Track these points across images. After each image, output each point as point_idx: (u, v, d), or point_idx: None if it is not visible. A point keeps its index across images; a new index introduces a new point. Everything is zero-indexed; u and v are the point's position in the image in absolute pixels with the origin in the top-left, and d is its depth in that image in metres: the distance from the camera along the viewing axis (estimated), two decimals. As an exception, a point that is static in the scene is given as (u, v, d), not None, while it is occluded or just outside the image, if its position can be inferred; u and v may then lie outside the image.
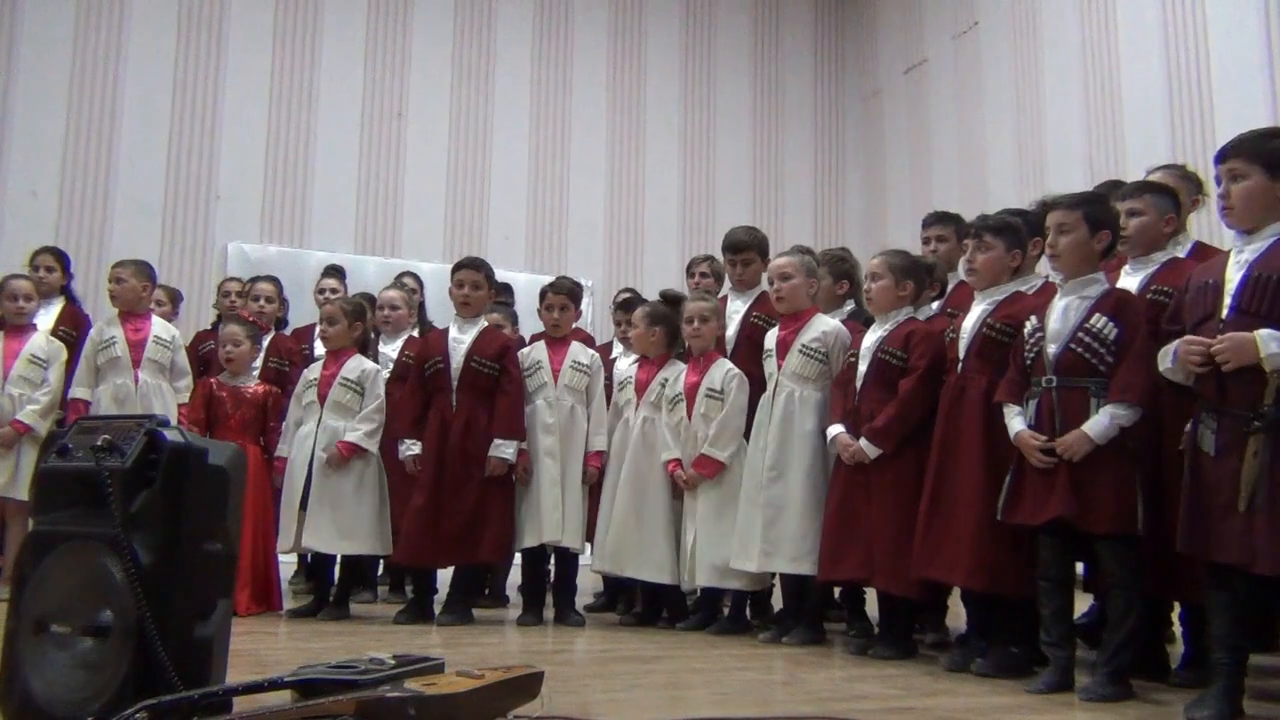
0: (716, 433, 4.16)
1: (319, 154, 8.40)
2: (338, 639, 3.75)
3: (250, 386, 4.76)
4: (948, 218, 4.46)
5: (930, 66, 9.03)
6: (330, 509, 4.40)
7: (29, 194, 7.58)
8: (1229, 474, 2.53)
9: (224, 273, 7.46)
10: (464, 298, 4.54)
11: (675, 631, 4.22)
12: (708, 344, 4.31)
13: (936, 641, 3.95)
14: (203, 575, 2.08)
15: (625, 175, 9.36)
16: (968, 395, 3.33)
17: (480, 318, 4.60)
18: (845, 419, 3.73)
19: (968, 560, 3.19)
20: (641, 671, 3.25)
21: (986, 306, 3.39)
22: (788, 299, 4.08)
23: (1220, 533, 2.55)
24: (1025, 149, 7.82)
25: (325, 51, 8.51)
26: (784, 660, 3.51)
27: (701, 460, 4.17)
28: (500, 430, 4.38)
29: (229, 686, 2.03)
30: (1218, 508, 2.56)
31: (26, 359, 4.91)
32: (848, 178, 10.02)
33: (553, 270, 7.67)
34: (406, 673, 2.13)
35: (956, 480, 3.29)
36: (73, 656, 2.00)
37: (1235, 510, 2.51)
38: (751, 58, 9.92)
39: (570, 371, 4.59)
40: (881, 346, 3.69)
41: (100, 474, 2.03)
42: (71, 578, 2.04)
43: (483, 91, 8.97)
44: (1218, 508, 2.56)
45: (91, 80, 7.84)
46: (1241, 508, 2.50)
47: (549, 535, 4.41)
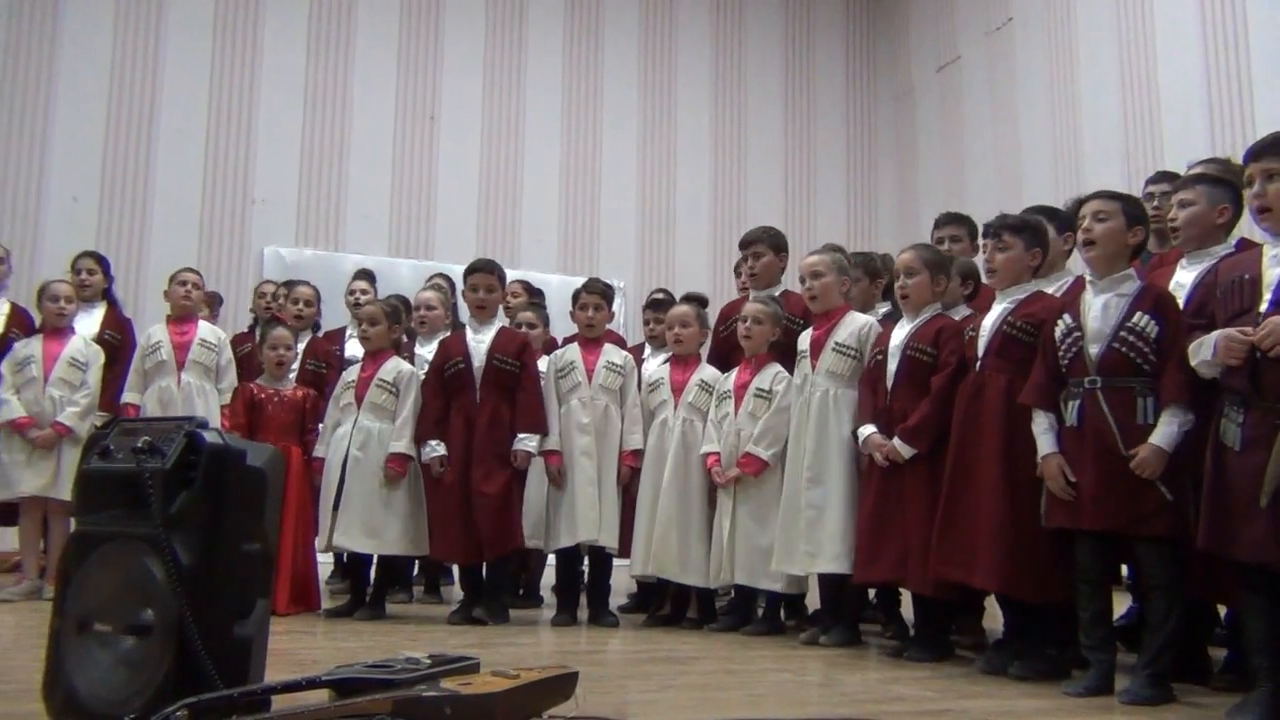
0: (761, 431, 4.14)
1: (353, 158, 8.47)
2: (374, 639, 3.78)
3: (289, 389, 4.81)
4: (959, 218, 4.43)
5: (963, 64, 8.95)
6: (362, 509, 4.44)
7: (70, 200, 7.70)
8: (1253, 469, 2.49)
9: (260, 276, 7.54)
10: (479, 301, 4.58)
11: (709, 632, 4.21)
12: (760, 345, 4.29)
13: (973, 644, 3.91)
14: (241, 575, 2.09)
15: (656, 176, 9.35)
16: (986, 394, 3.30)
17: (496, 319, 4.62)
18: (876, 418, 3.70)
19: (985, 561, 3.16)
20: (676, 672, 3.24)
21: (1007, 305, 3.36)
22: (820, 297, 4.06)
23: (1243, 530, 2.50)
24: (1061, 146, 7.74)
25: (359, 57, 8.58)
26: (819, 661, 3.49)
27: (746, 457, 4.15)
28: (524, 425, 4.41)
29: (268, 685, 2.04)
30: (1241, 505, 2.51)
31: (66, 361, 4.98)
32: (880, 177, 9.95)
33: (584, 272, 7.69)
34: (442, 672, 2.13)
35: (974, 480, 3.26)
36: (115, 655, 2.02)
37: (1259, 507, 2.46)
38: (782, 57, 9.88)
39: (604, 372, 4.61)
40: (911, 343, 3.66)
41: (141, 475, 2.05)
42: (114, 577, 2.07)
43: (514, 94, 9.00)
44: (1241, 505, 2.51)
45: (130, 87, 7.95)
46: (1263, 503, 2.44)
47: (585, 535, 4.42)
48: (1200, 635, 3.16)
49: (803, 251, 4.76)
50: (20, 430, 4.83)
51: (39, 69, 7.73)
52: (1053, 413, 3.07)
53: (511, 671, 2.14)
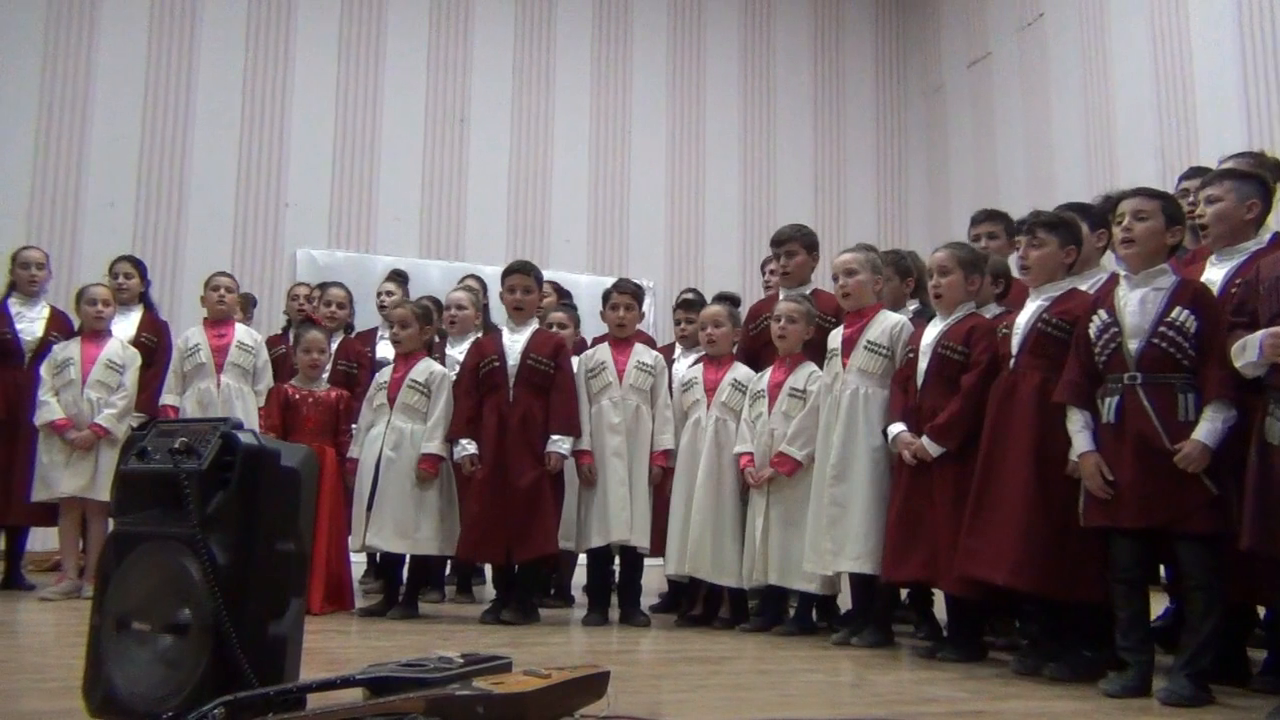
0: (795, 431, 4.13)
1: (384, 161, 8.53)
2: (407, 638, 3.80)
3: (322, 390, 4.85)
4: (997, 215, 4.39)
5: (994, 60, 8.88)
6: (395, 509, 4.47)
7: (107, 205, 7.81)
8: None
9: (293, 279, 7.61)
10: (516, 302, 4.59)
11: (741, 633, 4.20)
12: (794, 344, 4.27)
13: (1007, 645, 3.88)
14: (276, 574, 2.11)
15: (686, 176, 9.35)
16: (1019, 392, 3.27)
17: (532, 320, 4.63)
18: (906, 416, 3.68)
19: (1011, 558, 3.12)
20: (707, 672, 3.24)
21: (1042, 303, 3.33)
22: (853, 295, 4.05)
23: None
24: (1094, 142, 7.65)
25: (389, 61, 8.64)
26: (851, 662, 3.48)
27: (779, 457, 4.14)
28: (557, 426, 4.41)
29: (303, 684, 2.06)
30: None
31: (104, 364, 5.05)
32: (911, 175, 9.89)
33: (614, 272, 7.70)
34: (475, 671, 2.14)
35: (1004, 477, 3.23)
36: (153, 653, 2.05)
37: None
38: (812, 55, 9.84)
39: (635, 372, 4.61)
40: (942, 342, 3.64)
41: (178, 476, 2.08)
42: (151, 576, 2.09)
43: (544, 96, 9.03)
44: None
45: (164, 94, 8.06)
46: None
47: (618, 535, 4.43)
48: (1239, 636, 3.12)
49: (833, 251, 4.74)
50: (59, 432, 4.90)
51: (76, 78, 7.84)
52: (1088, 410, 3.04)
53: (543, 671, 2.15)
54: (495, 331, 4.86)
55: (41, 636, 3.90)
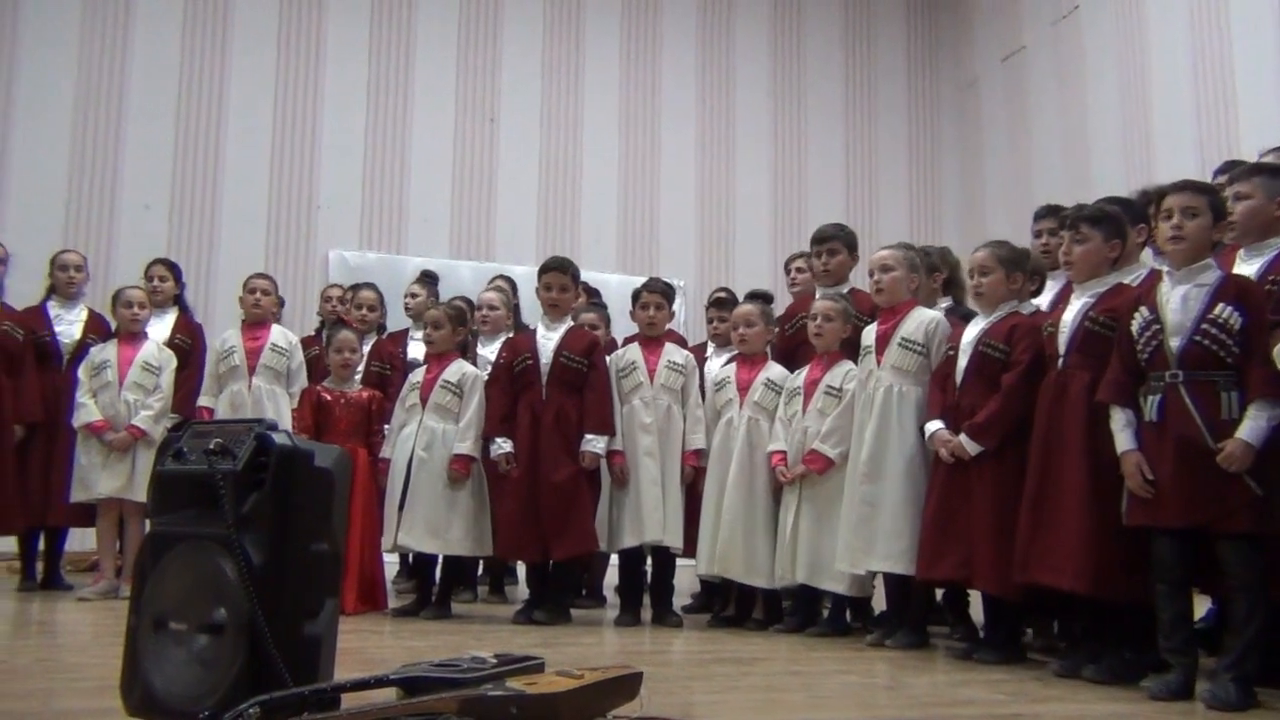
0: (829, 429, 4.10)
1: (414, 162, 8.59)
2: (440, 638, 3.82)
3: (354, 391, 4.88)
4: (1058, 211, 4.33)
5: (1029, 53, 8.79)
6: (426, 509, 4.49)
7: (142, 208, 7.92)
8: None
9: (325, 280, 7.67)
10: (552, 300, 4.59)
11: (774, 634, 4.19)
12: (831, 343, 4.25)
13: (1044, 646, 3.84)
14: (310, 575, 2.13)
15: (716, 174, 9.33)
16: (1070, 392, 3.23)
17: (567, 317, 4.64)
18: (944, 414, 3.65)
19: (1073, 562, 3.09)
20: (740, 673, 3.23)
21: (1088, 299, 3.29)
22: (888, 291, 4.02)
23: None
24: (1131, 136, 7.55)
25: (418, 61, 8.69)
26: (885, 664, 3.45)
27: (812, 455, 4.12)
28: (591, 425, 4.41)
29: (337, 683, 2.07)
30: None
31: (140, 366, 5.12)
32: (944, 171, 9.81)
33: (644, 271, 7.69)
34: (507, 672, 2.15)
35: (1059, 480, 3.20)
36: (189, 653, 2.07)
37: None
38: (843, 49, 9.79)
39: (666, 371, 4.60)
40: (983, 340, 3.60)
41: (213, 476, 2.09)
42: (187, 576, 2.11)
43: (573, 94, 9.05)
44: None
45: (198, 98, 8.16)
46: None
47: (650, 535, 4.42)
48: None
49: (865, 249, 4.71)
50: (97, 433, 4.97)
51: (110, 82, 7.96)
52: (1131, 409, 3.01)
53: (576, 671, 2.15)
54: (528, 330, 4.87)
55: (79, 636, 3.95)
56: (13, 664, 3.00)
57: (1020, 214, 6.75)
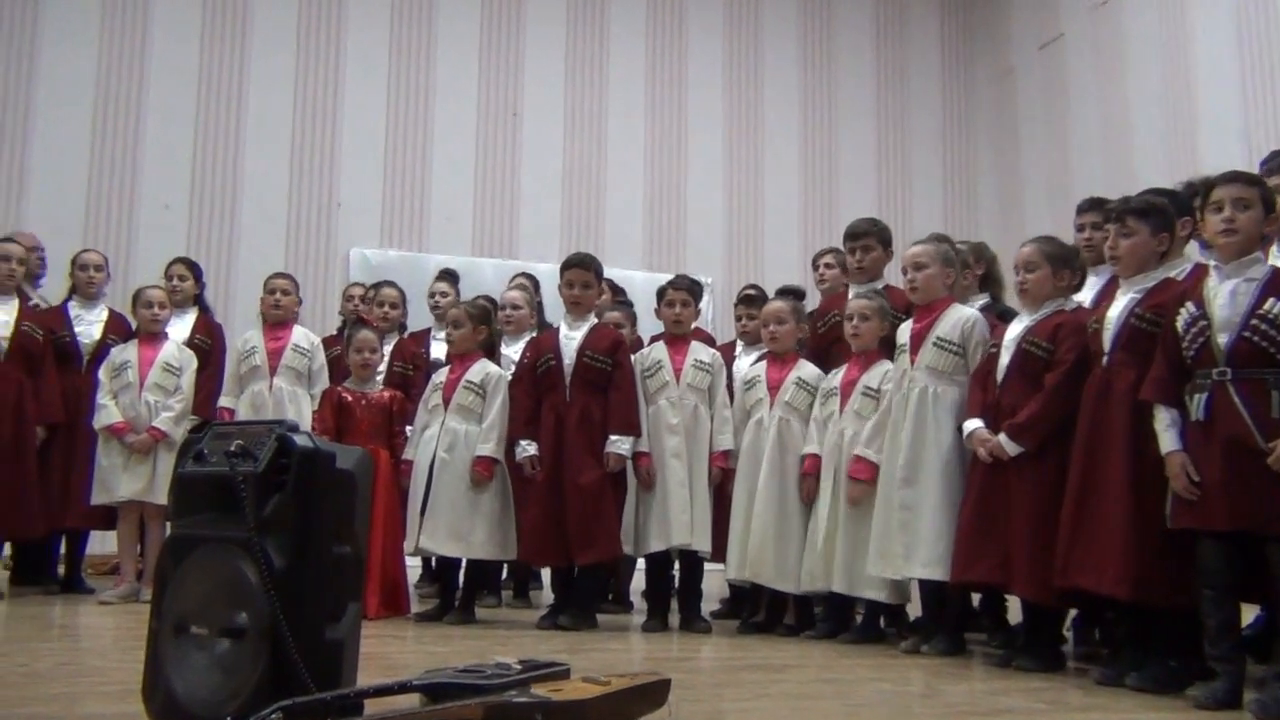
0: (872, 433, 4.04)
1: (436, 158, 8.64)
2: (464, 643, 3.84)
3: (375, 392, 4.91)
4: (1103, 204, 4.30)
5: (1067, 41, 8.71)
6: (449, 512, 4.50)
7: (162, 207, 8.01)
8: None
9: (347, 279, 7.73)
10: (574, 297, 4.59)
11: (806, 640, 4.18)
12: (869, 342, 4.22)
13: (1086, 653, 3.80)
14: (333, 578, 2.14)
15: (744, 168, 9.31)
16: (1114, 390, 3.20)
17: (590, 315, 4.64)
18: (984, 413, 3.62)
19: (1115, 567, 3.07)
20: (770, 680, 3.23)
21: (1134, 295, 3.26)
22: (922, 289, 4.00)
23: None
24: (1175, 125, 7.47)
25: (440, 55, 8.74)
26: (921, 671, 3.44)
27: (858, 463, 4.03)
28: (616, 426, 4.41)
29: (360, 689, 2.09)
30: None
31: (161, 367, 5.17)
32: (980, 163, 9.74)
33: (671, 268, 7.69)
34: (533, 678, 2.16)
35: (1102, 481, 3.17)
36: (211, 657, 2.09)
37: None
38: (874, 38, 9.75)
39: (693, 370, 4.59)
40: (1026, 338, 3.57)
41: (234, 478, 2.12)
42: (208, 580, 2.14)
43: (597, 88, 9.06)
44: None
45: (217, 96, 8.24)
46: None
47: (678, 539, 4.41)
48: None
49: (898, 243, 4.69)
50: (118, 435, 5.02)
51: (130, 83, 8.05)
52: (1176, 408, 2.98)
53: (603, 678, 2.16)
54: (551, 328, 4.87)
55: (101, 640, 4.00)
56: (35, 668, 3.05)
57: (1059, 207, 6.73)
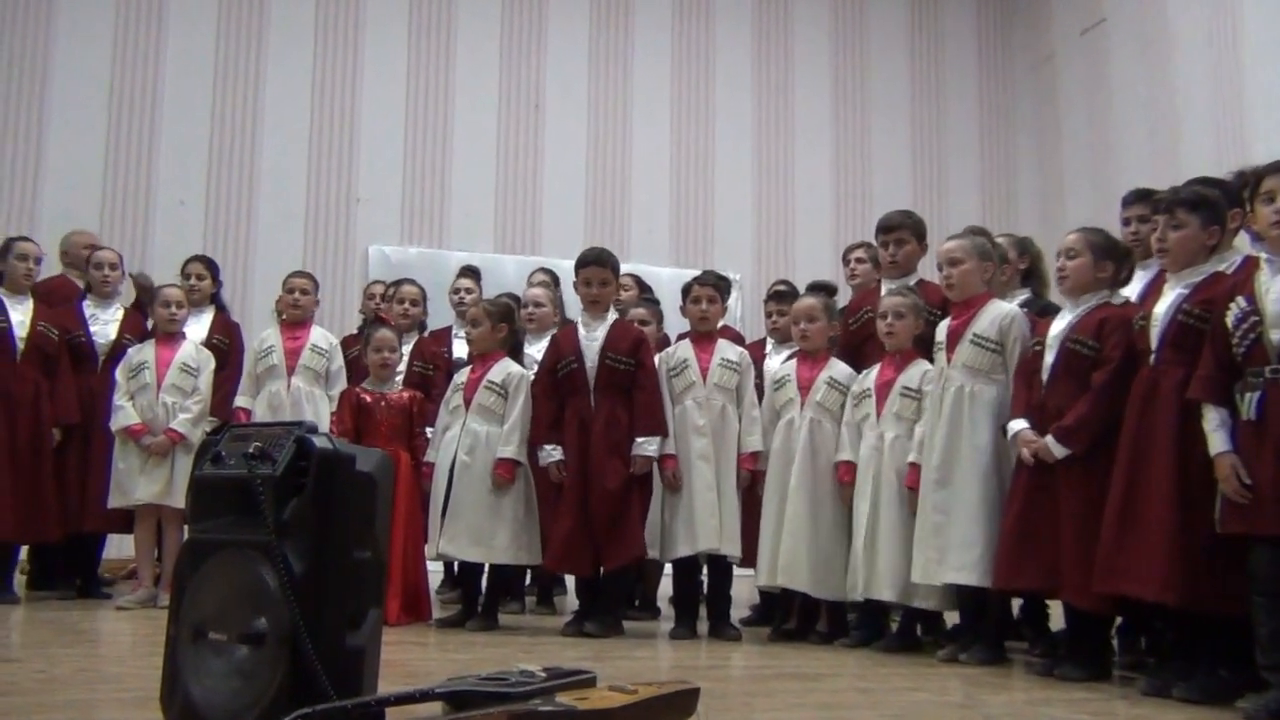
0: (921, 439, 4.01)
1: (456, 153, 8.67)
2: (487, 650, 3.85)
3: (395, 392, 4.92)
4: (1150, 196, 4.25)
5: (1110, 25, 8.62)
6: (470, 516, 4.51)
7: (177, 204, 8.08)
8: None
9: (366, 276, 7.77)
10: (592, 296, 4.59)
11: (840, 648, 4.16)
12: (904, 340, 4.20)
13: (1132, 662, 3.77)
14: (353, 584, 2.16)
15: (773, 161, 9.29)
16: (1161, 389, 3.18)
17: (609, 314, 4.65)
18: (1029, 413, 3.60)
19: (1161, 572, 3.04)
20: (803, 690, 3.22)
21: (1182, 290, 3.23)
22: (959, 286, 3.98)
23: None
24: (1223, 112, 7.37)
25: (460, 46, 8.77)
26: (959, 680, 3.42)
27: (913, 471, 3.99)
28: (642, 427, 4.41)
29: (381, 697, 2.10)
30: None
31: (179, 367, 5.21)
32: (1019, 154, 9.67)
33: (698, 264, 7.67)
34: (558, 686, 2.16)
35: (1148, 483, 3.15)
36: (229, 664, 2.11)
37: None
38: (908, 25, 9.69)
39: (720, 369, 4.58)
40: (1071, 335, 3.55)
41: (253, 481, 2.13)
42: (227, 585, 2.15)
43: (621, 79, 9.06)
44: None
45: (234, 92, 8.31)
46: None
47: (705, 544, 4.40)
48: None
49: (934, 237, 4.66)
50: (135, 437, 5.07)
51: (145, 77, 8.13)
52: (1225, 407, 2.95)
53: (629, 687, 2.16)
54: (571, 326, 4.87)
55: (118, 646, 4.04)
56: (53, 674, 3.08)
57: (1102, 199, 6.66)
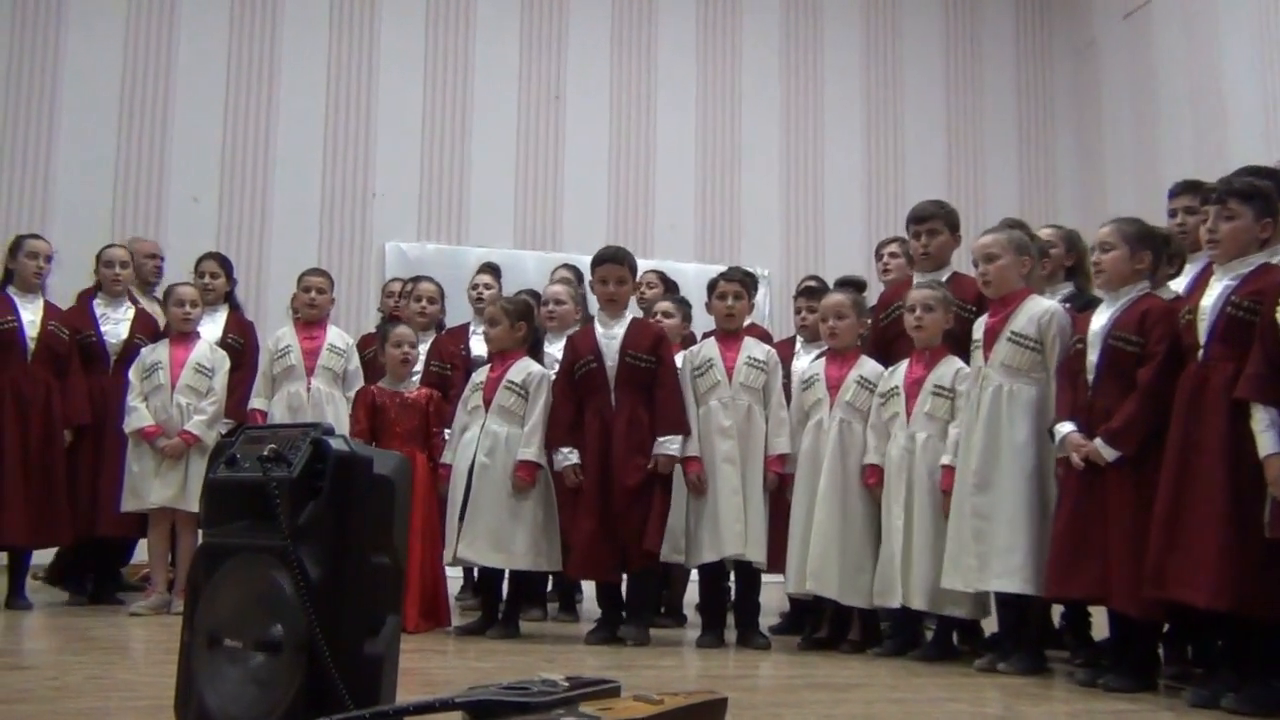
0: (955, 438, 3.99)
1: (475, 146, 8.69)
2: (508, 658, 3.86)
3: (412, 392, 4.94)
4: (1198, 187, 4.22)
5: (1155, 8, 8.55)
6: (489, 519, 4.50)
7: (190, 200, 8.14)
8: None
9: (383, 273, 7.80)
10: (609, 294, 4.60)
11: (872, 657, 4.14)
12: (933, 336, 4.18)
13: (1179, 673, 3.73)
14: (371, 590, 2.17)
15: (802, 151, 9.25)
16: (1210, 386, 3.15)
17: (627, 312, 4.64)
18: (1075, 414, 3.57)
19: (1212, 577, 3.01)
20: (835, 700, 3.21)
21: (1230, 282, 3.20)
22: (995, 282, 3.95)
23: None
24: (1273, 99, 7.29)
25: (479, 38, 8.78)
26: (998, 691, 3.40)
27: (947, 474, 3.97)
28: (664, 425, 4.41)
29: (400, 706, 2.11)
30: None
31: (193, 368, 5.24)
32: (1058, 144, 9.60)
33: (724, 260, 7.67)
34: (581, 696, 2.16)
35: (1196, 485, 3.12)
36: (245, 672, 2.12)
37: None
38: (943, 10, 9.64)
39: (745, 368, 4.56)
40: (1112, 331, 3.52)
41: (268, 485, 2.14)
42: (242, 591, 2.17)
43: (645, 69, 9.05)
44: None
45: (248, 85, 8.36)
46: None
47: (731, 549, 4.39)
48: None
49: (970, 230, 4.63)
50: (149, 439, 5.11)
51: (157, 71, 8.20)
52: (1275, 406, 2.92)
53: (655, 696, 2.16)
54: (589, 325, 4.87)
55: (132, 653, 4.08)
56: (65, 681, 3.11)
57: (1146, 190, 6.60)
